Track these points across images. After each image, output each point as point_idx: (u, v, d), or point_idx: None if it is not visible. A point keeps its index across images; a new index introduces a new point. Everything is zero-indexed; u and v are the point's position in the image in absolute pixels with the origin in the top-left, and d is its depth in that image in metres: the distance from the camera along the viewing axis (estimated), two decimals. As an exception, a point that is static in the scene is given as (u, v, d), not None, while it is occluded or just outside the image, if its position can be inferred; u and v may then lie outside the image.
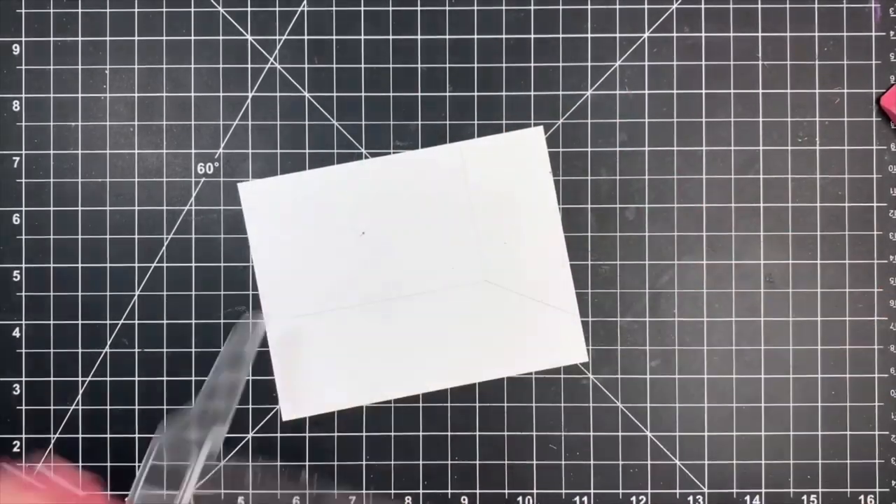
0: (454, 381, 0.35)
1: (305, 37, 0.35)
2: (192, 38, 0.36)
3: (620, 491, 0.35)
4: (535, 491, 0.35)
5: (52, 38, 0.35)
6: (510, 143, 0.35)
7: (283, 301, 0.35)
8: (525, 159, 0.35)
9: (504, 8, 0.35)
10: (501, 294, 0.35)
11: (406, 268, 0.35)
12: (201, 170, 0.35)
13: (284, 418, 0.35)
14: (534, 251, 0.35)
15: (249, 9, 0.35)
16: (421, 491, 0.35)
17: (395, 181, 0.35)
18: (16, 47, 0.36)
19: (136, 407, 0.35)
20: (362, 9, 0.35)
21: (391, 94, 0.35)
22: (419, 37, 0.35)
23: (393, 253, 0.35)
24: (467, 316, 0.35)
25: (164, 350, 0.35)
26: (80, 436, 0.35)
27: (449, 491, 0.35)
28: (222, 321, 0.35)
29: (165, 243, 0.35)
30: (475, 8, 0.35)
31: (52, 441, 0.35)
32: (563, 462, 0.35)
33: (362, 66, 0.35)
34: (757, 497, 0.35)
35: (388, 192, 0.35)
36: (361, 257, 0.35)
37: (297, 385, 0.35)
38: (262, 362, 0.35)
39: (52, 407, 0.35)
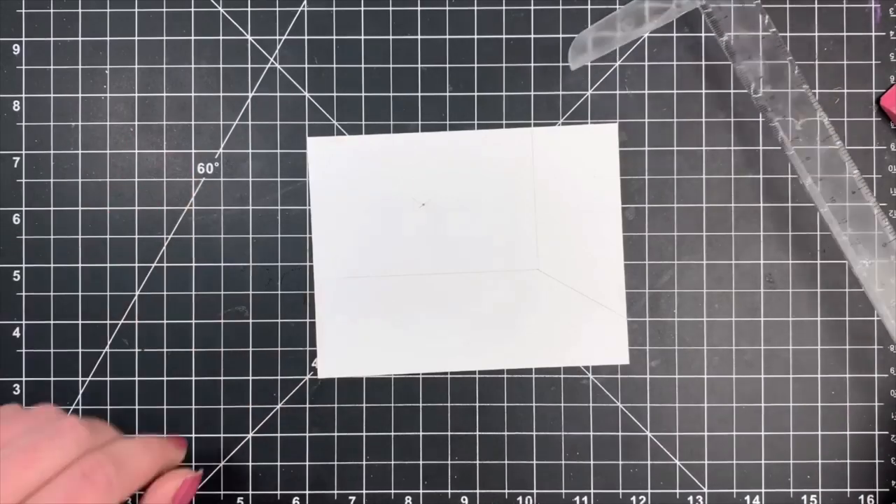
0: (487, 364, 0.35)
1: (305, 37, 0.35)
2: (193, 38, 0.36)
3: (620, 491, 0.35)
4: (535, 491, 0.35)
5: (52, 38, 0.35)
6: (583, 136, 0.35)
7: (335, 259, 0.35)
8: (595, 154, 0.35)
9: (504, 8, 0.35)
10: (552, 285, 0.35)
11: (460, 245, 0.35)
12: (201, 170, 0.35)
13: (320, 376, 0.35)
14: (590, 247, 0.35)
15: (249, 9, 0.35)
16: (421, 491, 0.35)
17: (463, 157, 0.35)
18: (16, 47, 0.36)
19: (137, 407, 0.35)
20: (362, 9, 0.35)
21: (391, 94, 0.35)
22: (419, 37, 0.35)
23: (449, 228, 0.35)
24: (514, 302, 0.35)
25: (165, 350, 0.35)
26: (81, 436, 0.35)
27: (449, 491, 0.35)
28: (222, 321, 0.35)
29: (165, 243, 0.35)
30: (475, 8, 0.35)
31: (53, 441, 0.35)
32: (563, 462, 0.35)
33: (362, 66, 0.35)
34: (757, 497, 0.35)
35: (454, 167, 0.35)
36: (418, 228, 0.35)
37: (336, 344, 0.35)
38: (263, 359, 0.35)
39: (52, 407, 0.35)
